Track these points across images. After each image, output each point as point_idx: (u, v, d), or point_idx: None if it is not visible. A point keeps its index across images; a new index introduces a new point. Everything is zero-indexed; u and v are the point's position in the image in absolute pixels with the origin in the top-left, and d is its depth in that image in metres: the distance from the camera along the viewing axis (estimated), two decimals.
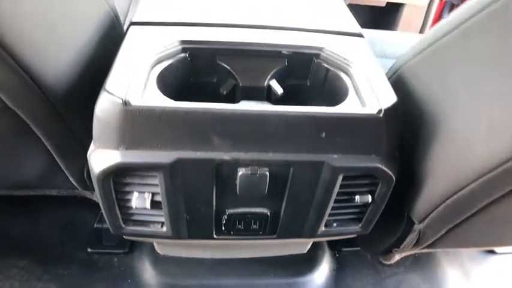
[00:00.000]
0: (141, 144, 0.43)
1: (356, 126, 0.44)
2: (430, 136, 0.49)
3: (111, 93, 0.42)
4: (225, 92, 0.51)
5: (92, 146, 0.47)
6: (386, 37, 1.07)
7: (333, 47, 0.52)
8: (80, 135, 0.54)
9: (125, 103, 0.41)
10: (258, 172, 0.45)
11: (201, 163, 0.44)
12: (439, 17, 1.62)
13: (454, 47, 0.47)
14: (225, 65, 0.50)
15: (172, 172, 0.44)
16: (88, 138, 0.48)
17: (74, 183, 0.63)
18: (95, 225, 0.81)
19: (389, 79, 0.57)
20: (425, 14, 1.51)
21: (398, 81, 0.55)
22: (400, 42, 1.03)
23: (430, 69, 0.50)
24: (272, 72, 0.51)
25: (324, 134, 0.44)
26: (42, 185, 0.66)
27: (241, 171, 0.45)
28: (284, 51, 0.51)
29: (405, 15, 1.50)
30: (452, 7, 1.56)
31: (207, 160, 0.44)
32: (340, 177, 0.47)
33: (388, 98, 0.46)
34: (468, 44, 0.45)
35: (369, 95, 0.46)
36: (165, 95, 0.45)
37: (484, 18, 0.42)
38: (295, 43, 0.52)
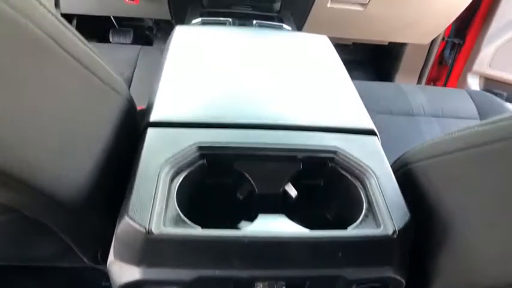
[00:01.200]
0: (161, 264, 0.44)
1: (371, 246, 0.46)
2: (438, 241, 0.50)
3: (133, 220, 0.42)
4: (241, 197, 0.52)
5: (111, 257, 0.47)
6: (391, 91, 1.08)
7: (347, 149, 0.53)
8: (98, 228, 0.54)
9: (148, 232, 0.42)
10: (275, 287, 0.46)
11: (220, 280, 0.45)
12: (439, 56, 1.63)
13: (472, 164, 0.46)
14: (243, 171, 0.51)
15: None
16: (105, 229, 0.49)
17: (87, 262, 0.63)
18: (103, 284, 0.82)
19: (396, 171, 0.58)
20: (428, 52, 1.52)
21: (406, 176, 0.56)
22: (405, 98, 1.05)
23: (443, 177, 0.51)
24: (287, 178, 0.52)
25: (340, 254, 0.45)
26: (55, 261, 0.67)
27: (258, 287, 0.46)
28: (299, 155, 0.52)
29: (407, 53, 1.51)
30: (454, 46, 1.58)
31: (226, 278, 0.45)
32: (354, 287, 0.49)
33: (401, 215, 0.47)
34: (487, 167, 0.43)
35: (383, 213, 0.47)
36: (182, 201, 0.46)
37: (507, 146, 0.41)
38: (309, 146, 0.53)
